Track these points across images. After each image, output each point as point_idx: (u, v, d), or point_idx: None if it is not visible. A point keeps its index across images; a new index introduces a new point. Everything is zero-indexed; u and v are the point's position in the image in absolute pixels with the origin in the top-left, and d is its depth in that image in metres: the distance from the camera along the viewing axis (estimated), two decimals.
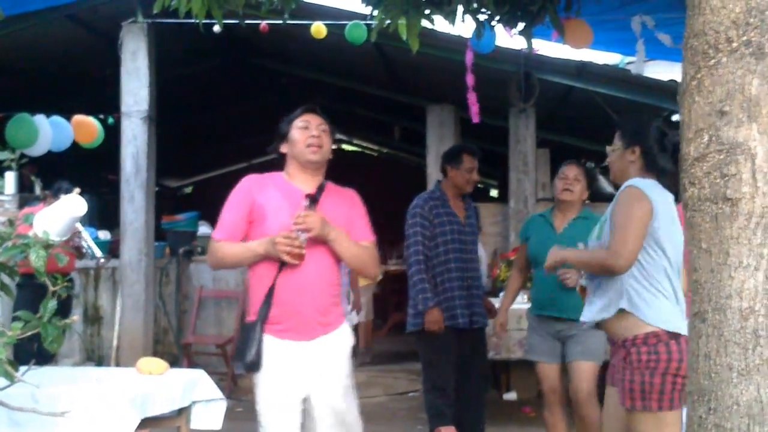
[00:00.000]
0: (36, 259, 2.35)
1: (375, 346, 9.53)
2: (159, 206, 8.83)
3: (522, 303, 6.37)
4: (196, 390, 3.81)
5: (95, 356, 8.68)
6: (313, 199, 3.33)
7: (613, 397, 3.24)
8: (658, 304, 3.07)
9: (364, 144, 17.76)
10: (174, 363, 8.56)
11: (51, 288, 2.42)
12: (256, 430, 3.24)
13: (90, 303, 8.67)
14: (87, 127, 7.22)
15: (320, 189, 3.39)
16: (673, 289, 3.12)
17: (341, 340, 3.38)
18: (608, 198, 4.64)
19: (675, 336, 3.02)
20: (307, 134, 3.34)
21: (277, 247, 3.11)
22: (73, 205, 2.51)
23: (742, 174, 1.81)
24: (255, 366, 3.20)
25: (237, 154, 15.92)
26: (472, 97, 7.04)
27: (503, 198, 8.93)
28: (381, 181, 15.42)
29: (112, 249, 8.84)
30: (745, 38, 1.81)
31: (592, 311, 3.26)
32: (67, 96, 9.06)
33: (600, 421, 3.73)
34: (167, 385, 3.58)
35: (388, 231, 9.69)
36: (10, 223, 7.74)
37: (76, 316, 2.48)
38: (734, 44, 1.81)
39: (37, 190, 9.18)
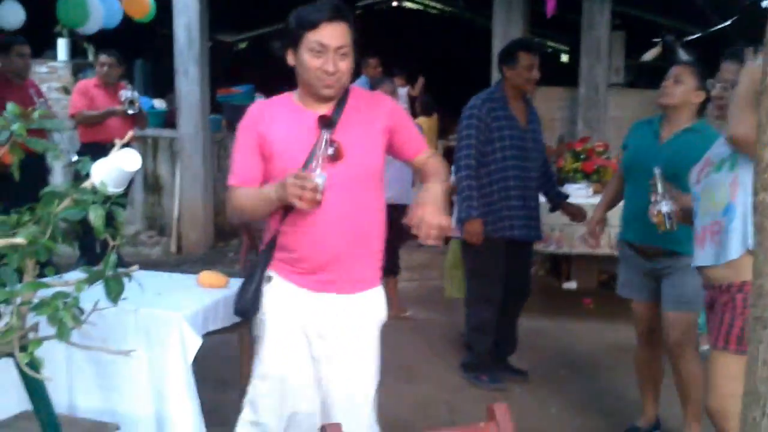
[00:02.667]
0: (95, 218, 2.32)
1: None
2: (213, 62, 8.66)
3: (587, 197, 6.31)
4: None
5: (156, 225, 8.86)
6: (329, 123, 2.67)
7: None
8: None
9: (426, 2, 16.99)
10: (235, 236, 8.72)
11: (111, 242, 2.40)
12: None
13: (150, 172, 8.75)
14: (138, 1, 7.07)
15: (339, 106, 2.72)
16: None
17: (365, 310, 2.82)
18: None
19: None
20: (320, 64, 2.61)
21: (287, 190, 2.50)
22: (127, 159, 2.45)
23: None
24: (246, 313, 2.82)
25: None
26: None
27: (572, 74, 8.52)
28: (444, 44, 14.81)
29: (168, 118, 8.86)
30: None
31: (711, 256, 3.01)
32: None
33: (701, 378, 3.56)
34: (228, 299, 3.60)
35: (449, 100, 9.37)
36: (65, 90, 7.85)
37: (136, 266, 2.47)
38: None
39: (90, 57, 9.16)
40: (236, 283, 3.70)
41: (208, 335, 3.43)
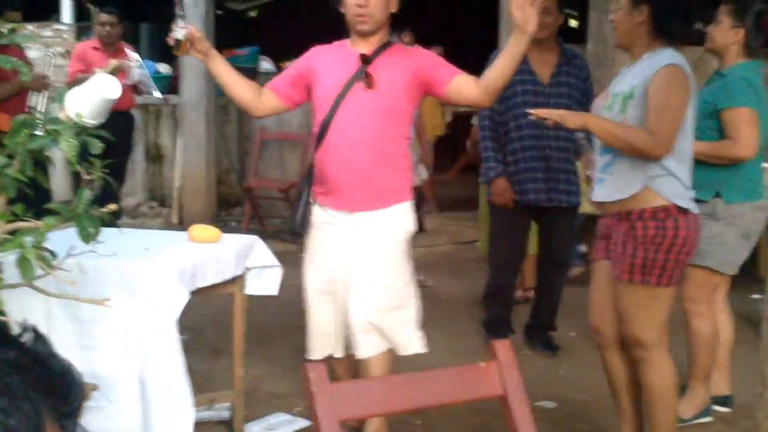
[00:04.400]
0: (67, 148, 2.12)
1: (442, 190, 9.30)
2: (221, 31, 8.39)
3: None
4: (251, 257, 3.63)
5: (158, 195, 8.64)
6: (367, 60, 3.15)
7: (602, 271, 3.18)
8: (673, 180, 2.95)
9: None
10: (237, 205, 8.52)
11: (84, 176, 2.21)
12: None
13: (151, 141, 8.52)
14: None
15: (380, 48, 3.20)
16: (688, 166, 3.01)
17: (391, 222, 3.22)
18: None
19: (684, 211, 2.95)
20: (353, 0, 3.13)
21: None
22: (105, 86, 2.25)
23: None
24: (298, 233, 3.36)
25: None
26: None
27: (582, 34, 8.23)
28: (447, 9, 14.54)
29: (172, 84, 8.63)
30: None
31: (608, 191, 3.06)
32: None
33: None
34: (220, 254, 3.40)
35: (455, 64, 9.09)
36: (68, 53, 7.60)
37: (114, 205, 2.27)
38: None
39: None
40: (229, 238, 3.54)
41: (199, 293, 3.22)
